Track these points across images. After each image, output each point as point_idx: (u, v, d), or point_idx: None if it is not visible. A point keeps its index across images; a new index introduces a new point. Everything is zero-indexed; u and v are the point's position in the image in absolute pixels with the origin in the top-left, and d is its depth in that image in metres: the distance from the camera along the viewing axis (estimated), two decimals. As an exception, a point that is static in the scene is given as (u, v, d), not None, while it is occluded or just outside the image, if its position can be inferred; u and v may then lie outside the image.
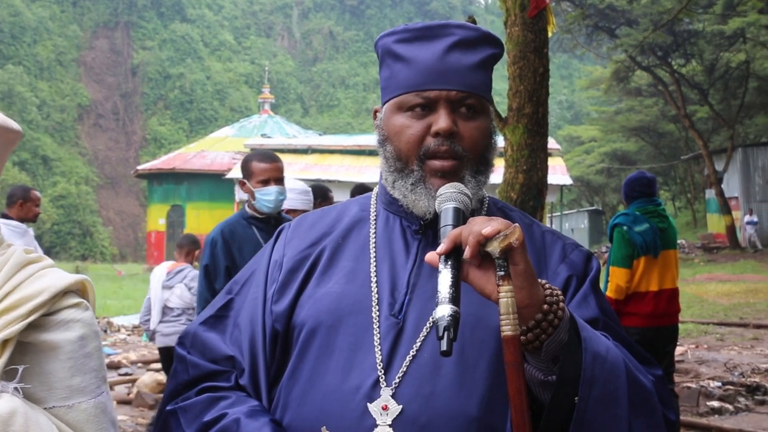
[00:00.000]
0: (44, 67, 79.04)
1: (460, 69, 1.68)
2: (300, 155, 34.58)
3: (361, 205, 1.85)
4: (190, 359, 1.74)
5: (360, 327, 1.63)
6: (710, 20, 33.54)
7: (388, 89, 1.74)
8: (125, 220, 74.50)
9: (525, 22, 6.08)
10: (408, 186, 1.67)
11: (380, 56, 1.78)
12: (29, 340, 1.67)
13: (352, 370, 1.60)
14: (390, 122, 1.72)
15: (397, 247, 1.73)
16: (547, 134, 6.24)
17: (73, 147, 77.04)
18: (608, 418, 1.44)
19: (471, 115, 1.69)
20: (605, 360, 1.46)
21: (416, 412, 1.53)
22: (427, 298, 1.64)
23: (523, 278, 1.40)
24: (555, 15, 6.59)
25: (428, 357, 1.58)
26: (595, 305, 1.67)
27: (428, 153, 1.65)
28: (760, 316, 15.20)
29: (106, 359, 11.27)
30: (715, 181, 35.75)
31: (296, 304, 1.71)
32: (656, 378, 1.62)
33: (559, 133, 62.70)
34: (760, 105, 39.78)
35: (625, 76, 40.93)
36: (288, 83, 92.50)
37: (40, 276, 1.71)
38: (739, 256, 30.84)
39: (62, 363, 1.68)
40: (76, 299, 1.73)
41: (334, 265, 1.74)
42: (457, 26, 1.71)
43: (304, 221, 1.87)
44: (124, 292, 24.13)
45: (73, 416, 1.69)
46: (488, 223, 1.40)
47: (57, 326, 1.69)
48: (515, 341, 1.36)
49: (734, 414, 7.77)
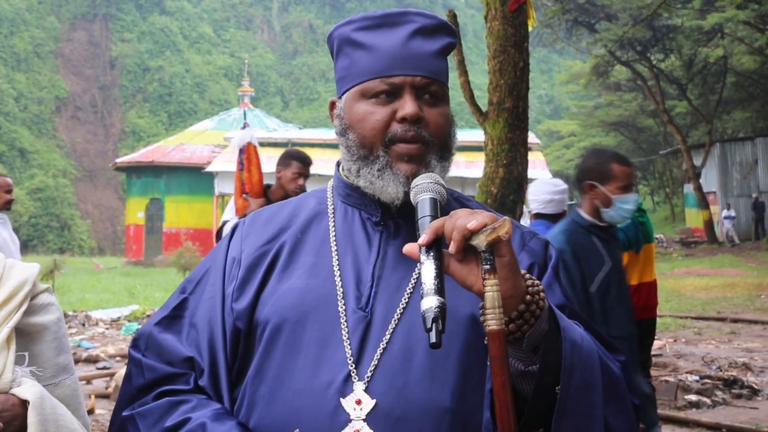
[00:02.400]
0: (21, 59, 78.33)
1: (424, 55, 1.68)
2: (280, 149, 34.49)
3: (317, 198, 1.84)
4: (145, 362, 1.70)
5: (326, 322, 1.62)
6: (689, 15, 33.78)
7: (348, 78, 1.72)
8: (103, 213, 74.02)
9: (505, 16, 6.09)
10: (374, 172, 1.66)
11: (337, 46, 1.76)
12: (19, 326, 1.78)
13: (321, 365, 1.59)
14: (352, 110, 1.70)
15: (358, 239, 1.72)
16: (527, 128, 6.25)
17: (51, 139, 76.45)
18: (586, 406, 1.45)
19: (434, 101, 1.69)
20: (581, 348, 1.47)
21: (390, 405, 1.53)
22: (392, 290, 1.64)
23: (509, 269, 1.40)
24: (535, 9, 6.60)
25: (398, 349, 1.57)
26: (560, 293, 1.69)
27: (394, 138, 1.65)
28: (738, 310, 15.33)
29: (85, 353, 11.22)
30: (694, 175, 36.05)
31: (258, 301, 1.69)
32: (621, 364, 1.64)
33: (539, 127, 62.90)
34: (738, 100, 40.11)
35: (604, 71, 41.13)
36: (268, 76, 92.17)
37: (12, 266, 1.83)
38: (716, 251, 31.13)
39: (49, 344, 1.82)
40: (44, 284, 1.89)
41: (294, 260, 1.73)
42: (416, 14, 1.72)
43: (259, 216, 1.85)
44: (102, 285, 23.97)
45: (60, 392, 1.82)
46: (473, 216, 1.39)
47: (39, 310, 1.83)
48: (501, 335, 1.35)
49: (712, 407, 7.83)
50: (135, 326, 14.35)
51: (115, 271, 33.77)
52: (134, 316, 15.98)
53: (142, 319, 15.50)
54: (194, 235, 36.25)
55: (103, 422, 7.38)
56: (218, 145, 39.05)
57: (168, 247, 36.41)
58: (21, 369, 1.73)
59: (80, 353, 11.15)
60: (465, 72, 6.43)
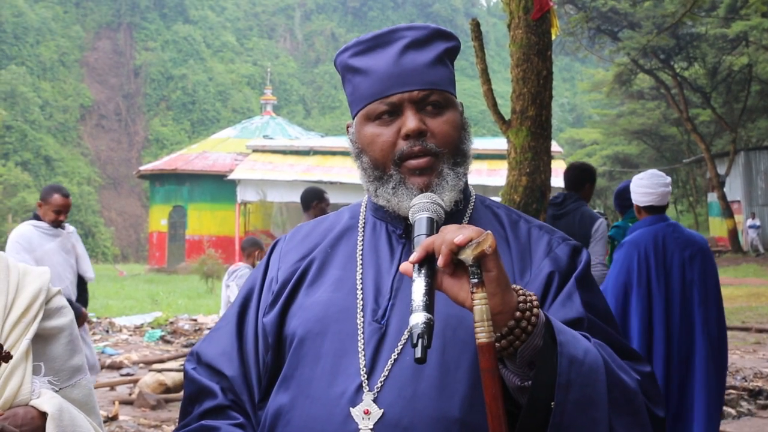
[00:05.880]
0: (47, 68, 79.03)
1: (417, 68, 1.71)
2: (302, 157, 34.62)
3: (351, 212, 1.88)
4: (190, 374, 1.79)
5: (346, 334, 1.66)
6: (713, 23, 33.57)
7: (354, 103, 1.78)
8: (127, 221, 74.47)
9: (528, 24, 6.08)
10: (389, 191, 1.70)
11: (341, 73, 1.83)
12: (36, 331, 1.80)
13: (337, 376, 1.62)
14: (361, 134, 1.75)
15: (382, 253, 1.76)
16: (550, 137, 6.23)
17: (76, 147, 77.03)
18: (586, 421, 1.45)
19: (437, 111, 1.71)
20: (582, 363, 1.46)
21: (398, 415, 1.55)
22: (409, 302, 1.65)
23: (496, 285, 1.41)
24: (558, 18, 6.59)
25: (410, 360, 1.59)
26: (579, 304, 1.66)
27: (403, 156, 1.68)
28: (763, 320, 15.18)
29: (108, 359, 11.29)
30: (718, 184, 35.75)
31: (286, 315, 1.74)
32: (643, 375, 1.62)
33: (561, 135, 62.66)
34: (763, 108, 39.78)
35: (627, 79, 40.92)
36: (290, 85, 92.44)
37: (26, 273, 1.85)
38: (741, 260, 30.82)
39: (63, 346, 1.85)
40: (56, 287, 1.90)
41: (323, 274, 1.77)
42: (406, 29, 1.74)
43: (298, 233, 1.91)
44: (125, 292, 24.12)
45: (77, 393, 1.85)
46: (460, 231, 1.41)
47: (54, 313, 1.85)
48: (490, 348, 1.37)
49: (737, 418, 7.76)
50: (158, 333, 14.44)
51: (139, 278, 33.96)
52: (157, 323, 16.06)
53: (165, 325, 15.58)
54: (217, 243, 36.36)
55: (127, 428, 7.43)
56: (241, 153, 39.19)
57: (191, 254, 36.53)
58: (39, 379, 1.75)
59: (104, 360, 11.23)
60: (488, 80, 6.42)
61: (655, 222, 4.78)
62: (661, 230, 4.73)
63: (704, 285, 4.60)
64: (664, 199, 4.84)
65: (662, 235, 4.70)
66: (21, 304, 1.77)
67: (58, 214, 6.64)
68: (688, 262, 4.61)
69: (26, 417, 1.68)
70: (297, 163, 33.58)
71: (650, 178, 4.90)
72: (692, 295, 4.58)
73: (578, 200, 6.31)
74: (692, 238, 4.76)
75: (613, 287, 4.66)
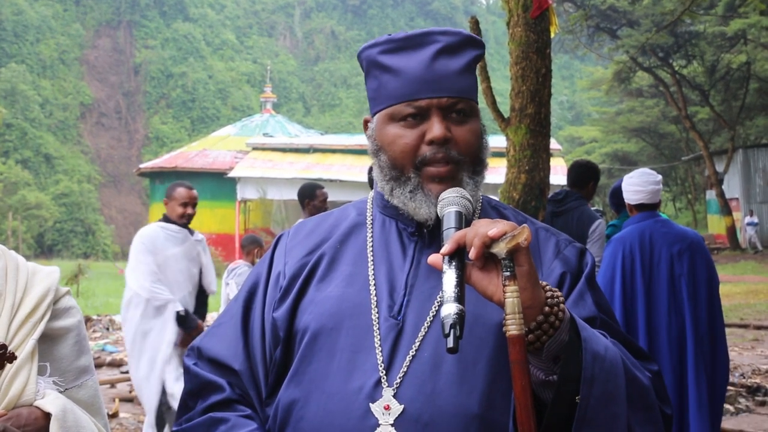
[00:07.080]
0: (47, 66, 79.01)
1: (448, 75, 1.70)
2: (302, 155, 34.57)
3: (357, 209, 1.88)
4: (193, 369, 1.78)
5: (360, 329, 1.66)
6: (712, 22, 33.55)
7: (378, 100, 1.76)
8: (127, 219, 74.42)
9: (528, 22, 6.09)
10: (406, 194, 1.70)
11: (365, 67, 1.80)
12: (43, 331, 1.78)
13: (354, 371, 1.63)
14: (383, 132, 1.73)
15: (394, 249, 1.76)
16: (549, 134, 6.25)
17: (76, 145, 77.02)
18: (607, 416, 1.47)
19: (462, 119, 1.71)
20: (604, 359, 1.48)
21: (418, 411, 1.56)
22: (424, 298, 1.68)
23: (527, 279, 1.43)
24: (557, 16, 6.60)
25: (428, 356, 1.60)
26: (591, 303, 1.70)
27: (424, 161, 1.68)
28: (761, 317, 15.21)
29: (109, 357, 11.31)
30: (716, 182, 35.76)
31: (297, 309, 1.73)
32: (653, 373, 1.66)
33: (560, 133, 62.61)
34: (761, 106, 39.77)
35: (626, 77, 40.87)
36: (290, 82, 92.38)
37: (35, 272, 1.84)
38: (739, 257, 30.84)
39: (71, 347, 1.84)
40: (64, 287, 1.89)
41: (333, 270, 1.77)
42: (440, 33, 1.73)
43: (302, 228, 1.90)
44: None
45: (83, 393, 1.84)
46: (493, 225, 1.43)
47: (62, 314, 1.84)
48: (521, 340, 1.40)
49: (735, 415, 7.79)
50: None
51: (138, 275, 33.82)
52: (157, 320, 16.02)
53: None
54: (216, 240, 36.32)
55: (127, 425, 7.45)
56: (240, 150, 39.15)
57: (190, 252, 36.44)
58: (44, 379, 1.73)
59: (104, 357, 11.25)
60: (487, 78, 6.44)
61: (643, 219, 4.80)
62: (648, 227, 4.73)
63: (693, 279, 4.58)
64: (654, 197, 4.86)
65: (650, 231, 4.70)
66: (28, 303, 1.75)
67: (185, 207, 6.46)
68: (676, 257, 4.60)
69: (30, 417, 1.68)
70: (297, 161, 33.54)
71: (640, 176, 4.92)
72: (681, 289, 4.56)
73: (579, 198, 6.31)
74: (682, 233, 4.75)
75: (600, 284, 4.66)
